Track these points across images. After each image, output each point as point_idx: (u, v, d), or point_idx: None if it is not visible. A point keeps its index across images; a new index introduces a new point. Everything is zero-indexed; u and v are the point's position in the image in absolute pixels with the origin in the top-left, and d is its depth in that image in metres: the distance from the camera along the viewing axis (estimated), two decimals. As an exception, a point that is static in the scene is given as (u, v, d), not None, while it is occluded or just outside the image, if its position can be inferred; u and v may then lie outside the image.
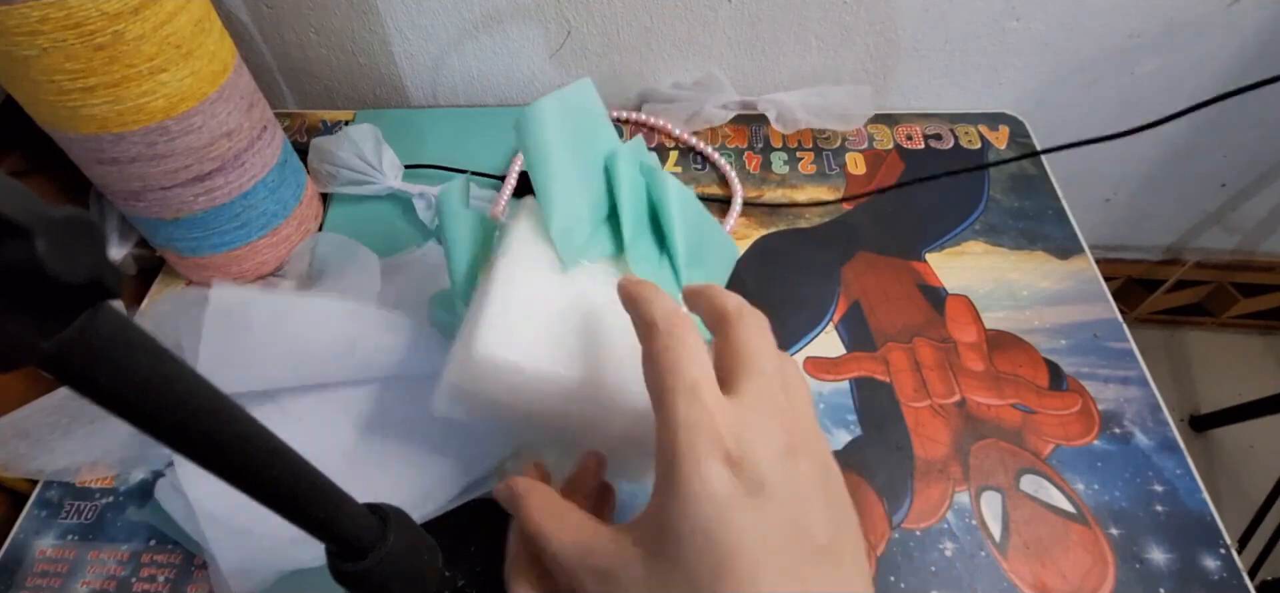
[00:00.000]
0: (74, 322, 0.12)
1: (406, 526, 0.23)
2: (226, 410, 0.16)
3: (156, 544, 0.38)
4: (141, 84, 0.37)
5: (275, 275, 0.49)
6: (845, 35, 0.59)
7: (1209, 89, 0.64)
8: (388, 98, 0.65)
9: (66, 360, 0.12)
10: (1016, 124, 0.61)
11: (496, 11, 0.58)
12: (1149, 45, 0.60)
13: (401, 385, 0.41)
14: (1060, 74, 0.63)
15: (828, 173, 0.56)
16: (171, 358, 0.15)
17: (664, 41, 0.59)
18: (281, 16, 0.59)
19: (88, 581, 0.37)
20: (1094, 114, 0.66)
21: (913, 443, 0.41)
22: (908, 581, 0.37)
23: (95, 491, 0.40)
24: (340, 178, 0.52)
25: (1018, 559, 0.37)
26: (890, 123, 0.61)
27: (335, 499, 0.20)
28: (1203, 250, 0.86)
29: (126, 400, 0.14)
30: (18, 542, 0.39)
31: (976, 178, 0.56)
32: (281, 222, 0.47)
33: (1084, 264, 0.50)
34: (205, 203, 0.43)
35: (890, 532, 0.38)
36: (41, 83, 0.35)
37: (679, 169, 0.57)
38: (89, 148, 0.39)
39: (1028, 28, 0.58)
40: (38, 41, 0.33)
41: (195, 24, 0.38)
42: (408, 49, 0.61)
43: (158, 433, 0.15)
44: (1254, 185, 0.76)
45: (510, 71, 0.62)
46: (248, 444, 0.17)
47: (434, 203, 0.51)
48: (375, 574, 0.22)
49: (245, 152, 0.43)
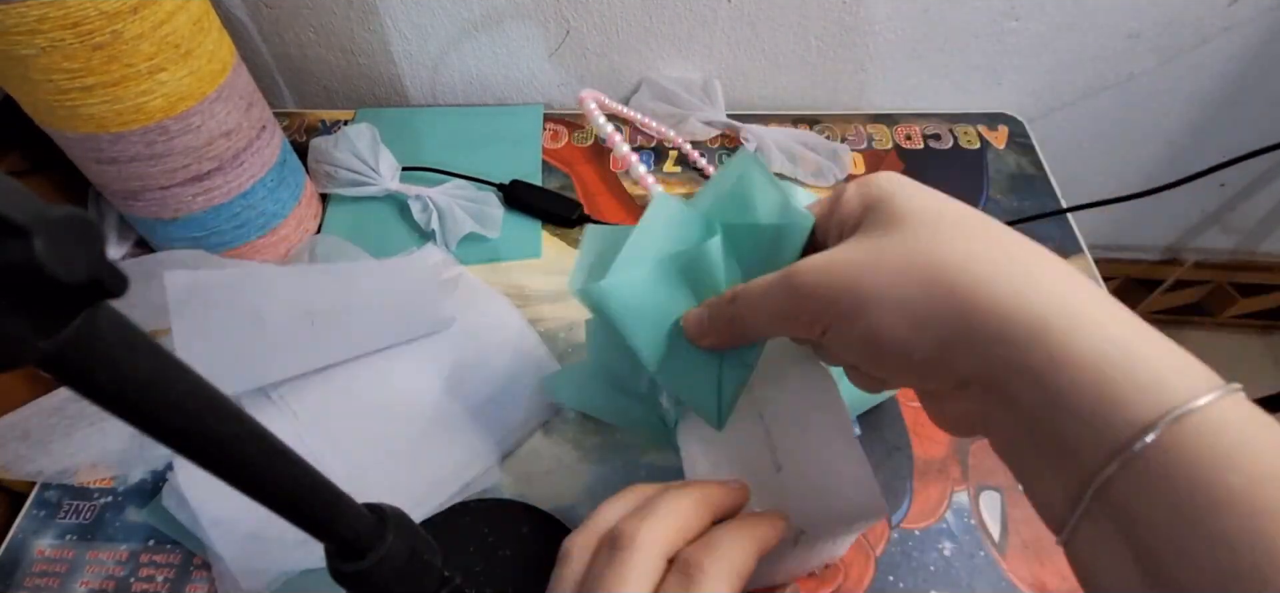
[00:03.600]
0: (73, 321, 0.12)
1: (405, 525, 0.23)
2: (225, 410, 0.16)
3: (155, 544, 0.38)
4: (140, 83, 0.37)
5: (274, 275, 0.49)
6: (844, 35, 0.59)
7: (1208, 90, 0.65)
8: (387, 97, 0.65)
9: (65, 360, 0.12)
10: (1016, 124, 0.61)
11: (495, 11, 0.58)
12: (1148, 45, 0.60)
13: (401, 385, 0.41)
14: (1059, 74, 0.63)
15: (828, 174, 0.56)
16: (171, 357, 0.15)
17: (663, 41, 0.59)
18: (280, 16, 0.59)
19: (86, 581, 0.37)
20: (1093, 114, 0.66)
21: (911, 443, 0.41)
22: (907, 581, 0.37)
23: (94, 491, 0.40)
24: (339, 178, 0.52)
25: (1017, 559, 0.37)
26: (889, 123, 0.61)
27: (334, 499, 0.20)
28: (1201, 250, 0.86)
29: (126, 400, 0.14)
30: (16, 542, 0.39)
31: (975, 178, 0.56)
32: (280, 222, 0.47)
33: (1083, 264, 0.50)
34: (204, 203, 0.43)
35: (889, 532, 0.38)
36: (40, 82, 0.35)
37: (677, 168, 0.57)
38: (87, 147, 0.38)
39: (1027, 28, 0.58)
40: (36, 40, 0.33)
41: (194, 23, 0.38)
42: (407, 48, 0.61)
43: (157, 433, 0.15)
44: (1253, 185, 0.76)
45: (509, 71, 0.62)
46: (246, 444, 0.17)
47: (429, 205, 0.51)
48: (374, 574, 0.22)
49: (244, 151, 0.43)
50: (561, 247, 0.52)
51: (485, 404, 0.42)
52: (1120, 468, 0.17)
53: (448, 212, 0.50)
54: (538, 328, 0.46)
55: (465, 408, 0.41)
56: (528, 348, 0.44)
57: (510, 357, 0.44)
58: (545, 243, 0.52)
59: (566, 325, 0.47)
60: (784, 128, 0.59)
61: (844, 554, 0.37)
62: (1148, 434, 0.17)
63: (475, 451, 0.40)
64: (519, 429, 0.42)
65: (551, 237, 0.53)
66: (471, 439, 0.40)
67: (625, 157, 0.49)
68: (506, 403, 0.42)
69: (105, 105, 0.36)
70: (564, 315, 0.48)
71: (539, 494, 0.40)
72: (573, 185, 0.56)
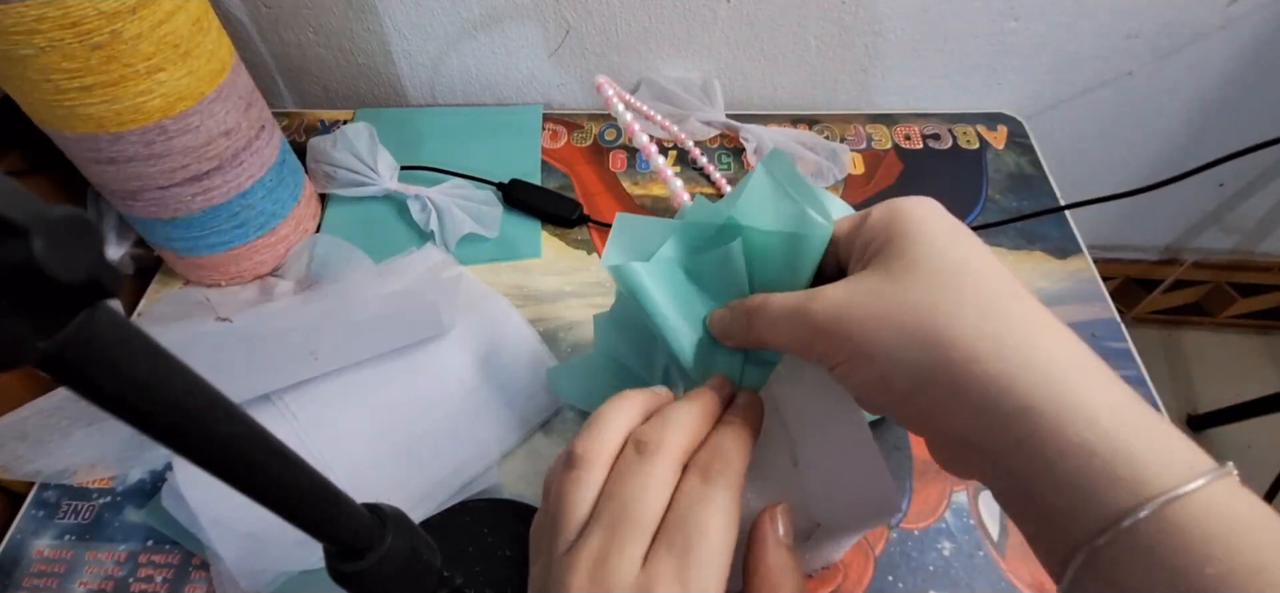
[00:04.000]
0: (71, 321, 0.12)
1: (405, 526, 0.23)
2: (224, 410, 0.16)
3: (154, 545, 0.38)
4: (139, 83, 0.37)
5: (273, 276, 0.49)
6: (844, 35, 0.59)
7: (1207, 90, 0.65)
8: (386, 97, 0.65)
9: (64, 360, 0.12)
10: (1015, 124, 0.61)
11: (495, 11, 0.58)
12: (1147, 45, 0.60)
13: (400, 385, 0.41)
14: (1059, 74, 0.63)
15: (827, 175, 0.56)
16: (169, 358, 0.15)
17: (663, 41, 0.60)
18: (280, 16, 0.59)
19: (85, 581, 0.37)
20: (1092, 115, 0.66)
21: (910, 442, 0.41)
22: (906, 581, 0.37)
23: (93, 491, 0.40)
24: (337, 178, 0.52)
25: (1016, 559, 0.37)
26: (888, 123, 0.61)
27: (333, 499, 0.20)
28: (1200, 250, 0.86)
29: (124, 400, 0.14)
30: (15, 542, 0.39)
31: (975, 178, 0.56)
32: (279, 222, 0.47)
33: (1082, 264, 0.50)
34: (203, 203, 0.43)
35: (888, 532, 0.38)
36: (39, 82, 0.35)
37: (677, 167, 0.57)
38: (86, 147, 0.38)
39: (1026, 28, 0.58)
40: (35, 40, 0.33)
41: (193, 23, 0.38)
42: (406, 48, 0.61)
43: (155, 433, 0.15)
44: (1252, 185, 0.77)
45: (508, 71, 0.62)
46: (246, 444, 0.17)
47: (428, 205, 0.51)
48: (374, 575, 0.21)
49: (243, 151, 0.43)
50: (561, 247, 0.52)
51: (485, 404, 0.42)
52: (1106, 543, 0.18)
53: (447, 211, 0.50)
54: (537, 328, 0.46)
55: (465, 408, 0.41)
56: (527, 348, 0.44)
57: (510, 357, 0.44)
58: (545, 243, 0.52)
59: (566, 325, 0.47)
60: (783, 128, 0.59)
61: (844, 556, 0.37)
62: (1124, 520, 0.18)
63: (475, 450, 0.40)
64: (519, 429, 0.42)
65: (551, 237, 0.53)
66: (471, 439, 0.40)
67: (646, 146, 0.48)
68: (506, 403, 0.42)
69: (104, 105, 0.36)
70: (564, 315, 0.48)
71: (539, 494, 0.39)
72: (572, 185, 0.56)
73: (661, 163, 0.47)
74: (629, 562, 0.22)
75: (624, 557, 0.22)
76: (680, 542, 0.22)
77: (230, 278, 0.48)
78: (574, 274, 0.50)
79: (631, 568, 0.21)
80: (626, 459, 0.24)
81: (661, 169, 0.47)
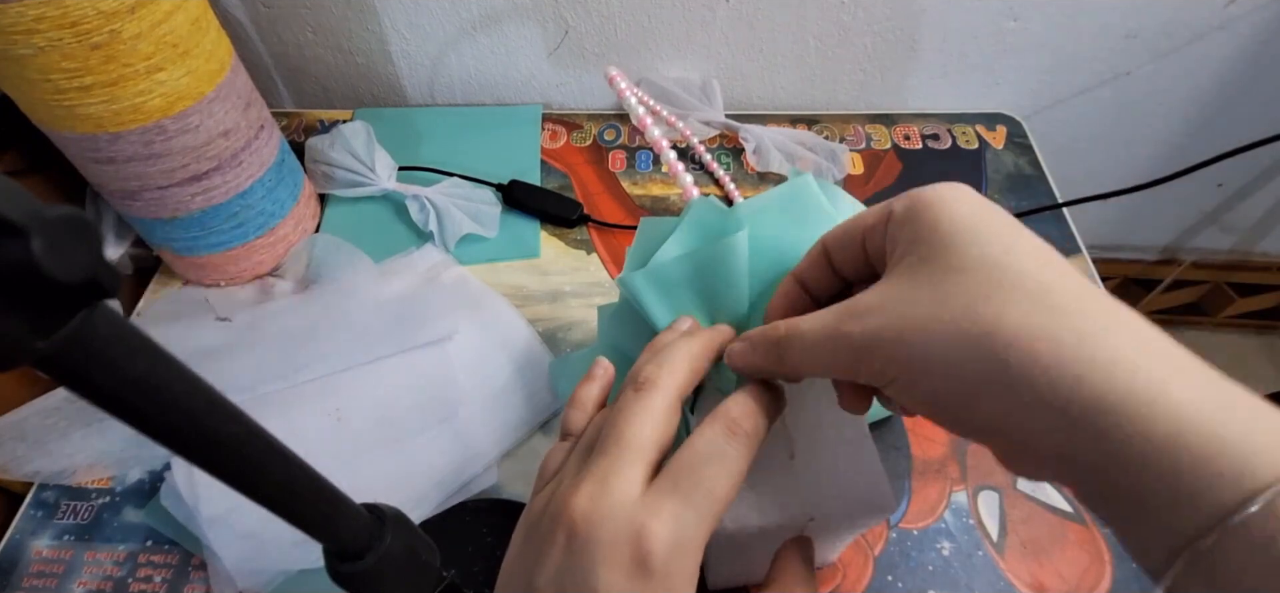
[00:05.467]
0: (70, 321, 0.12)
1: (404, 526, 0.23)
2: (223, 410, 0.16)
3: (153, 545, 0.38)
4: (138, 83, 0.36)
5: (273, 276, 0.49)
6: (843, 35, 0.59)
7: (1205, 90, 0.65)
8: (385, 97, 0.65)
9: (63, 360, 0.12)
10: (1014, 124, 0.61)
11: (494, 11, 0.58)
12: (1145, 45, 0.60)
13: (400, 385, 0.41)
14: (1057, 74, 0.63)
15: (826, 174, 0.56)
16: (168, 358, 0.15)
17: (662, 41, 0.59)
18: (279, 16, 0.59)
19: (84, 581, 0.37)
20: (1091, 114, 0.66)
21: (910, 442, 0.41)
22: (905, 581, 0.37)
23: (92, 491, 0.40)
24: (336, 178, 0.52)
25: (1015, 559, 0.37)
26: (887, 123, 0.61)
27: (333, 499, 0.20)
28: (1199, 250, 0.86)
29: (123, 400, 0.14)
30: (13, 542, 0.39)
31: (974, 178, 0.56)
32: (278, 222, 0.47)
33: (1081, 265, 0.50)
34: (202, 202, 0.43)
35: (887, 531, 0.38)
36: (38, 82, 0.35)
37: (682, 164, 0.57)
38: (85, 147, 0.38)
39: (1025, 28, 0.58)
40: (34, 40, 0.33)
41: (192, 23, 0.38)
42: (405, 48, 0.61)
43: (154, 433, 0.15)
44: (1250, 185, 0.77)
45: (508, 71, 0.62)
46: (245, 444, 0.17)
47: (428, 205, 0.51)
48: (373, 575, 0.21)
49: (242, 151, 0.43)
50: (560, 247, 0.52)
51: (485, 404, 0.42)
52: (1213, 545, 0.17)
53: (446, 212, 0.50)
54: (537, 328, 0.46)
55: (465, 408, 0.41)
56: (527, 348, 0.44)
57: (509, 357, 0.44)
58: (544, 243, 0.52)
59: (566, 325, 0.47)
60: (782, 128, 0.59)
61: (843, 555, 0.37)
62: (1232, 518, 0.16)
63: (475, 451, 0.40)
64: (519, 429, 0.42)
65: (550, 237, 0.53)
66: (471, 439, 0.40)
67: (657, 141, 0.46)
68: (506, 403, 0.42)
69: (103, 105, 0.36)
70: (564, 315, 0.48)
71: (538, 494, 0.40)
72: (572, 185, 0.56)
73: (673, 157, 0.46)
74: (629, 483, 0.22)
75: (624, 478, 0.22)
76: (686, 484, 0.22)
77: (229, 278, 0.48)
78: (574, 274, 0.50)
79: (632, 488, 0.22)
80: (624, 395, 0.25)
81: (673, 164, 0.45)
